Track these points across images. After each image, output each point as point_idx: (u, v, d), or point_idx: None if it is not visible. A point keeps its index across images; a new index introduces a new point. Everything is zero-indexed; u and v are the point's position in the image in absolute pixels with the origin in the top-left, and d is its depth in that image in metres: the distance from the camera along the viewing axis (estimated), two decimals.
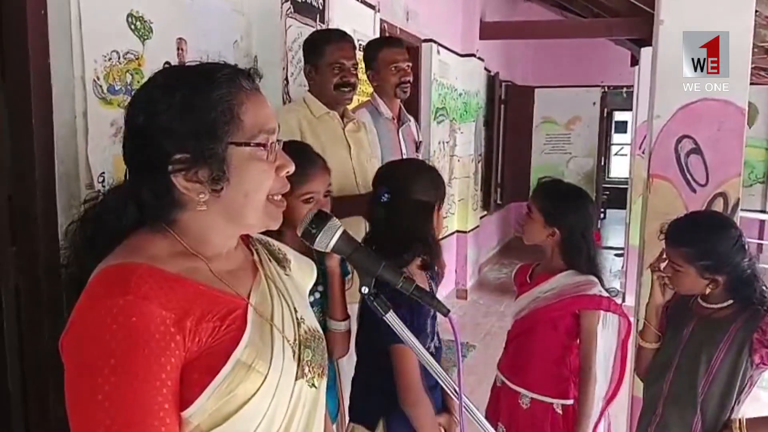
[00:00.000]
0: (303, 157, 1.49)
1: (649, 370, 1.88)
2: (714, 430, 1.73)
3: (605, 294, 2.04)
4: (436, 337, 1.73)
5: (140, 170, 0.89)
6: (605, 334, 2.08)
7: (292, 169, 0.93)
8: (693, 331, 1.76)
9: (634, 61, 6.91)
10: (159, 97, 0.86)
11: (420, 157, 3.04)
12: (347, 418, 1.96)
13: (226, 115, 0.86)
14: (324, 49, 2.25)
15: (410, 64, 2.82)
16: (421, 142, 3.11)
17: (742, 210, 2.56)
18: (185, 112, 0.85)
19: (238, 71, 0.90)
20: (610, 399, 2.16)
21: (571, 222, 2.05)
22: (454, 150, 5.75)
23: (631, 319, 2.21)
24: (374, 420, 1.65)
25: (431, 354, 1.59)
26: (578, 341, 2.06)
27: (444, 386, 0.99)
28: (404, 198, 1.62)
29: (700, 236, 1.72)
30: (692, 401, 1.72)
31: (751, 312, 1.70)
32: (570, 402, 2.07)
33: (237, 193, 0.87)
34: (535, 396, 2.08)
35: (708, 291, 1.71)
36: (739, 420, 1.70)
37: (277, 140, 0.92)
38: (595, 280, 2.04)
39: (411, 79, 2.83)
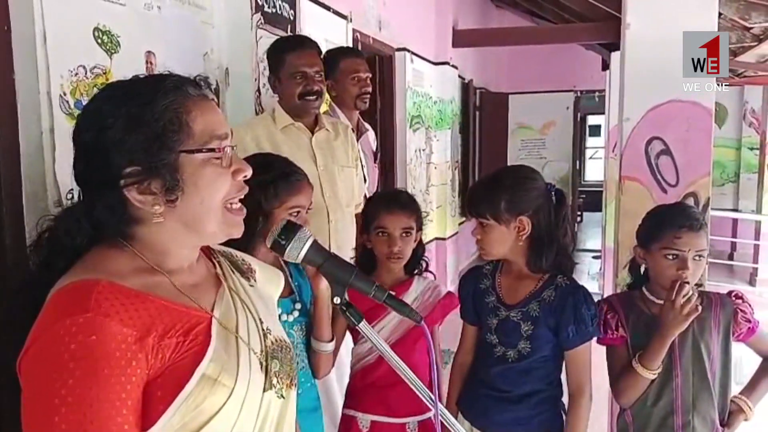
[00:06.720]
0: (292, 170, 1.48)
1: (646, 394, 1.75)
2: (724, 413, 1.75)
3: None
4: None
5: (93, 187, 0.88)
6: None
7: (249, 172, 0.92)
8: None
9: (605, 66, 7.01)
10: (106, 112, 0.85)
11: (376, 167, 3.10)
12: None
13: (175, 124, 0.85)
14: (284, 58, 2.20)
15: (370, 75, 2.83)
16: (377, 151, 3.14)
17: (713, 209, 2.61)
18: (133, 125, 0.84)
19: (184, 79, 0.90)
20: None
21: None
22: (431, 157, 5.77)
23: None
24: None
25: None
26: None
27: (419, 394, 0.98)
28: None
29: None
30: (710, 397, 1.72)
31: (711, 294, 1.77)
32: None
33: (193, 200, 0.87)
34: None
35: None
36: (740, 398, 1.76)
37: (231, 146, 0.91)
38: None
39: (371, 89, 2.83)
